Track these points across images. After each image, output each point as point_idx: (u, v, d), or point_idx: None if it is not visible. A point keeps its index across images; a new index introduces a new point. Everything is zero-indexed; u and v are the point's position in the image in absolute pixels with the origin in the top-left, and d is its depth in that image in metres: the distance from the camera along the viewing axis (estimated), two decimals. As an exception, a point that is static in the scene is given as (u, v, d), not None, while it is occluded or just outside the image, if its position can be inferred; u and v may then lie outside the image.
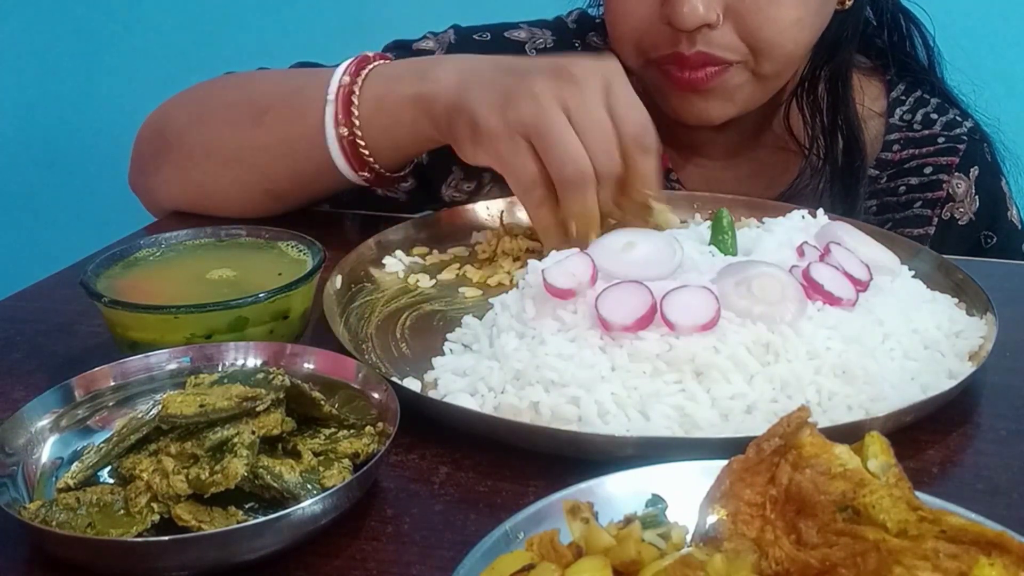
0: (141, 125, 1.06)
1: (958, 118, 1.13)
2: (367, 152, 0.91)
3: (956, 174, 1.09)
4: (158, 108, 1.05)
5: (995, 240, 1.09)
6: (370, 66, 0.91)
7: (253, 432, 0.54)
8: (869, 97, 1.12)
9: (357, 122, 0.89)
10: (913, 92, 1.14)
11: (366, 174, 0.93)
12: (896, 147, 1.11)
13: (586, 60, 0.83)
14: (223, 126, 0.98)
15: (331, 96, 0.90)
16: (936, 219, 1.08)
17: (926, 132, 1.11)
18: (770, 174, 1.13)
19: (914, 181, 1.09)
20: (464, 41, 1.14)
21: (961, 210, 1.09)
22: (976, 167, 1.10)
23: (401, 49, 1.13)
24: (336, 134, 0.90)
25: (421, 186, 1.11)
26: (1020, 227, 1.13)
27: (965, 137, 1.10)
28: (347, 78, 0.90)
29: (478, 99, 0.82)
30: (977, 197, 1.09)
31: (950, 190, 1.08)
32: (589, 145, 0.78)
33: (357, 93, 0.89)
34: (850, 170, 1.06)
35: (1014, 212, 1.12)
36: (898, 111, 1.13)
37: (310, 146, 0.92)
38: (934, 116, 1.12)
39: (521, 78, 0.81)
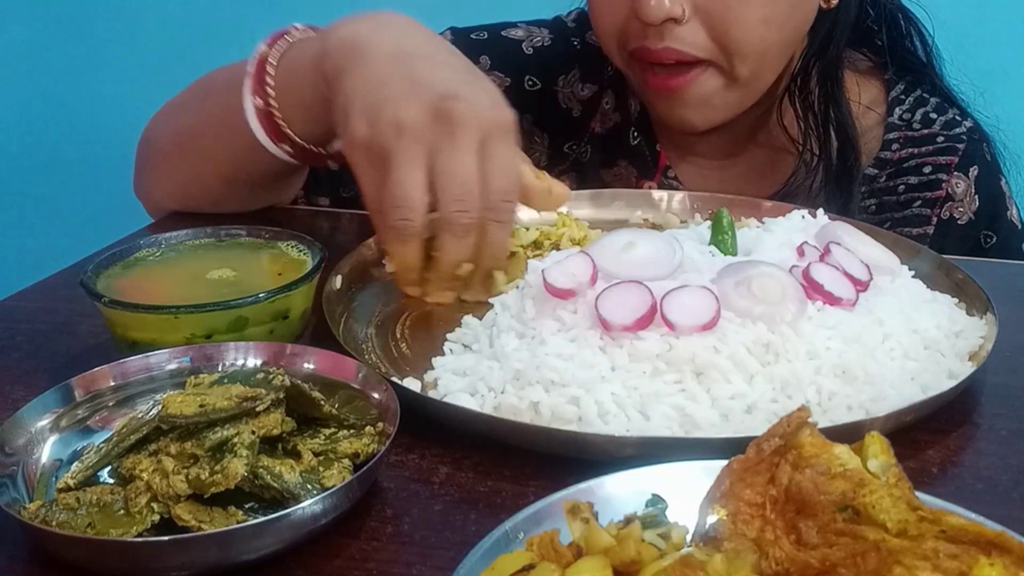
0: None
1: (957, 117, 1.12)
2: (281, 122, 0.87)
3: (955, 173, 1.09)
4: (151, 117, 1.06)
5: (995, 240, 1.09)
6: (291, 36, 0.89)
7: (253, 432, 0.54)
8: (867, 96, 1.12)
9: (272, 92, 0.86)
10: (912, 91, 1.14)
11: (286, 147, 0.89)
12: (895, 146, 1.11)
13: (480, 102, 0.75)
14: (178, 117, 1.00)
15: (250, 68, 0.88)
16: (935, 219, 1.08)
17: (925, 131, 1.11)
18: (766, 173, 1.13)
19: (913, 180, 1.09)
20: (461, 41, 1.14)
21: (960, 209, 1.08)
22: (975, 166, 1.09)
23: None
24: (252, 105, 0.87)
25: None
26: (1020, 226, 1.12)
27: (964, 137, 1.10)
28: (264, 47, 0.88)
29: (356, 91, 0.76)
30: (977, 197, 1.09)
31: (949, 189, 1.08)
32: (445, 189, 0.72)
33: (272, 63, 0.87)
34: (844, 167, 1.06)
35: (1014, 211, 1.12)
36: (897, 110, 1.12)
37: (236, 123, 0.89)
38: (933, 115, 1.12)
39: (405, 95, 0.74)
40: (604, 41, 1.04)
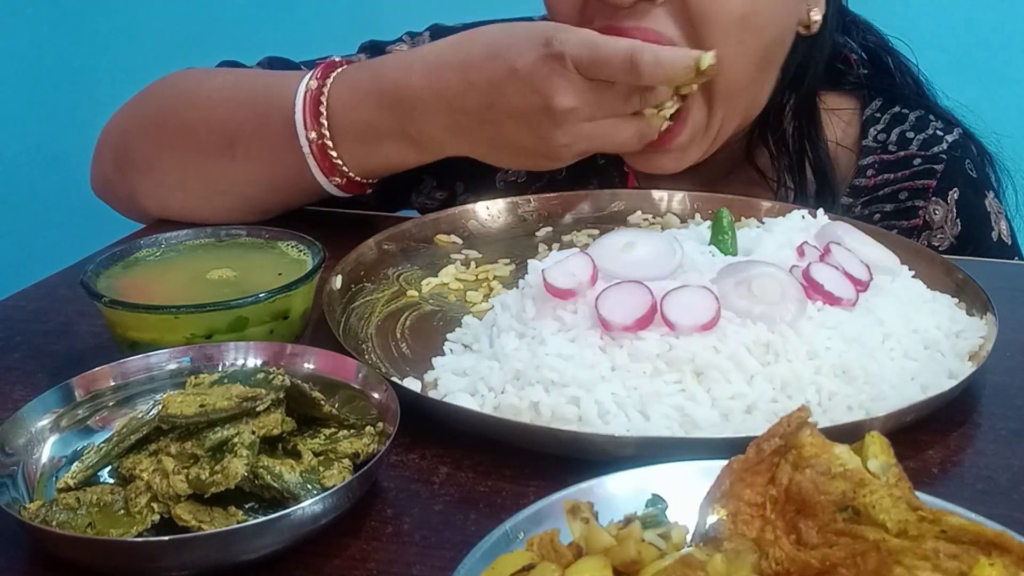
0: (99, 135, 1.05)
1: (939, 132, 1.06)
2: (334, 154, 0.91)
3: (933, 199, 1.03)
4: (112, 120, 1.04)
5: None
6: (337, 70, 0.92)
7: (253, 432, 0.54)
8: (842, 120, 1.06)
9: (325, 122, 0.90)
10: (889, 108, 1.08)
11: (337, 179, 0.93)
12: (870, 172, 1.05)
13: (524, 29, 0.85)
14: (193, 156, 0.97)
15: (299, 104, 0.90)
16: None
17: (901, 153, 1.05)
18: None
19: (888, 208, 1.04)
20: None
21: (940, 236, 1.03)
22: (956, 188, 1.03)
23: (375, 50, 1.10)
24: (306, 139, 0.90)
25: (391, 192, 1.10)
26: (1010, 243, 1.07)
27: (944, 156, 1.04)
28: (314, 82, 0.91)
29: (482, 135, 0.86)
30: (959, 220, 1.03)
31: (927, 217, 1.03)
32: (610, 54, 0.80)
33: (324, 98, 0.90)
34: (820, 205, 1.02)
35: (1002, 228, 1.06)
36: (872, 131, 1.06)
37: (286, 163, 0.92)
38: (911, 134, 1.06)
39: (495, 95, 0.83)
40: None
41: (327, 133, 0.90)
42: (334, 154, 0.91)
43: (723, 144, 0.99)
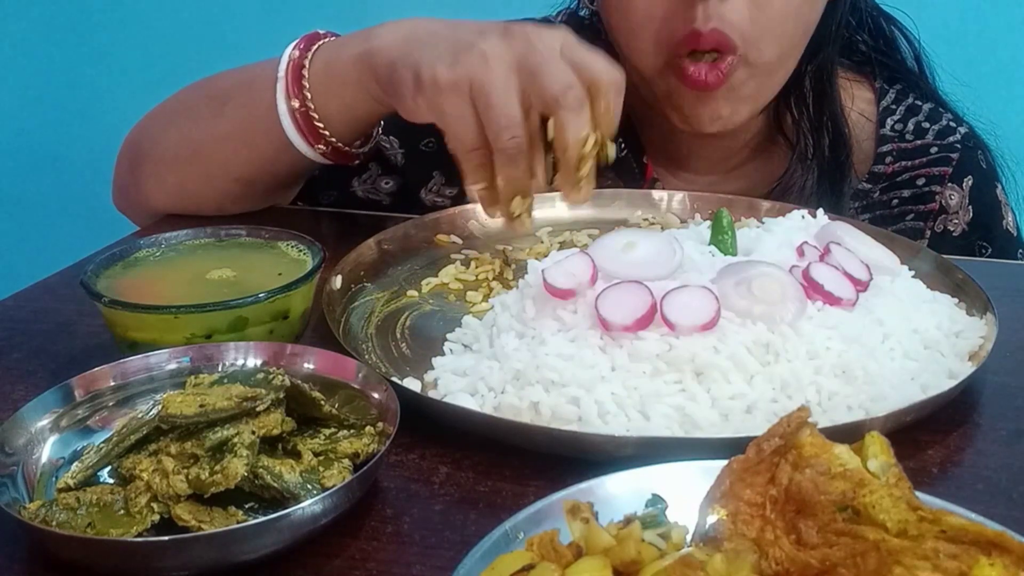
0: (120, 148, 1.06)
1: (952, 124, 1.11)
2: (320, 124, 0.90)
3: (949, 185, 1.08)
4: (132, 128, 1.06)
5: (991, 251, 1.08)
6: (320, 41, 0.92)
7: (253, 432, 0.54)
8: (859, 103, 1.10)
9: (308, 94, 0.89)
10: (904, 100, 1.12)
11: (322, 147, 0.92)
12: (889, 159, 1.09)
13: (536, 27, 0.81)
14: (189, 124, 0.99)
15: (281, 73, 0.90)
16: (929, 232, 1.07)
17: (918, 142, 1.09)
18: (758, 188, 1.11)
19: (906, 193, 1.08)
20: None
21: (955, 221, 1.08)
22: (970, 176, 1.08)
23: None
24: (288, 108, 0.90)
25: (401, 190, 1.11)
26: (1016, 234, 1.11)
27: (958, 145, 1.09)
28: (296, 52, 0.90)
29: (424, 52, 0.80)
30: (971, 207, 1.08)
31: (943, 202, 1.07)
32: (549, 84, 0.75)
33: (307, 66, 0.89)
34: (836, 163, 1.05)
35: (1010, 219, 1.11)
36: (889, 121, 1.11)
37: (266, 127, 0.91)
38: (926, 124, 1.10)
39: (471, 35, 0.79)
40: (638, 40, 0.98)
41: (309, 96, 0.89)
42: (315, 116, 0.89)
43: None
